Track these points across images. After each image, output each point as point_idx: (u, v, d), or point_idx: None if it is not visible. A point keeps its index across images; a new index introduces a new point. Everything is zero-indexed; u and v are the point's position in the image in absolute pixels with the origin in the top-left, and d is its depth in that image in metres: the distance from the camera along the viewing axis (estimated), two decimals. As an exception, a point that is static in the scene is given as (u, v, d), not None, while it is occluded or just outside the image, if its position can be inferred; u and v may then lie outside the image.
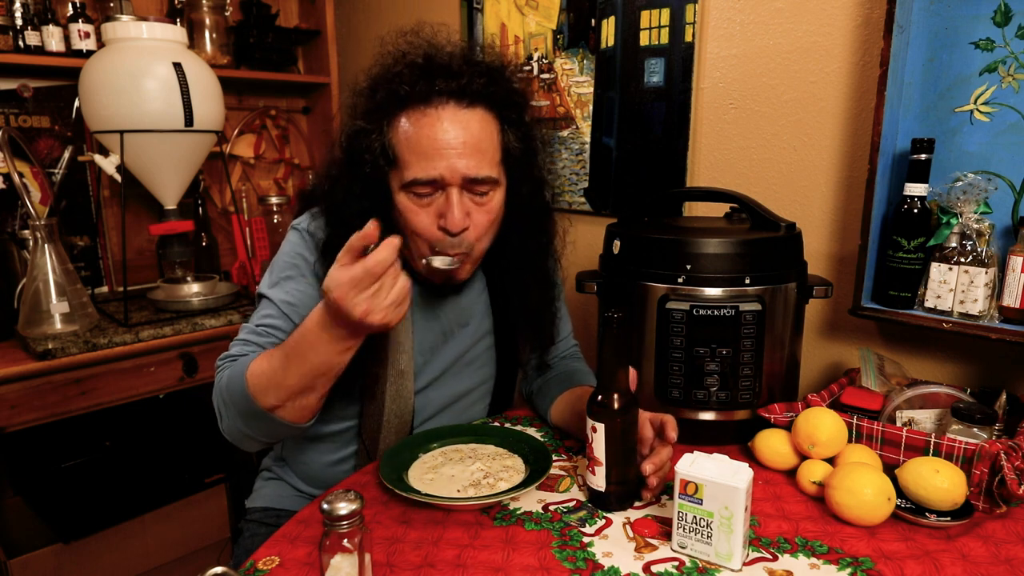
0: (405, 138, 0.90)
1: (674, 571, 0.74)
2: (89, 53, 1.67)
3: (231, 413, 0.88)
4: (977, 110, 1.06)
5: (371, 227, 0.74)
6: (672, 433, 0.86)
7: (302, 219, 1.03)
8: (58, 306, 1.51)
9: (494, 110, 0.93)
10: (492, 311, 1.12)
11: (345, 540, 0.64)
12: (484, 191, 0.93)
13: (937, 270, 1.06)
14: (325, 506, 0.63)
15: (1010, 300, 1.01)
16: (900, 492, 0.84)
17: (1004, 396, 1.02)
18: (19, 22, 1.65)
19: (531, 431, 1.10)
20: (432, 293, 1.06)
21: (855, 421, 0.94)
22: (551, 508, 0.87)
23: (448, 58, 0.92)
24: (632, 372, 0.86)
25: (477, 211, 0.93)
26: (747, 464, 0.75)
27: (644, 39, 1.48)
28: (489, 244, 0.99)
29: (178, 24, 1.74)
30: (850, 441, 0.94)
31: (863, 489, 0.81)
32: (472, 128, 0.90)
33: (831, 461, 0.91)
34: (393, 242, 0.75)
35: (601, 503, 0.87)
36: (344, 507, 0.63)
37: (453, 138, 0.88)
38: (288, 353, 0.82)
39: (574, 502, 0.88)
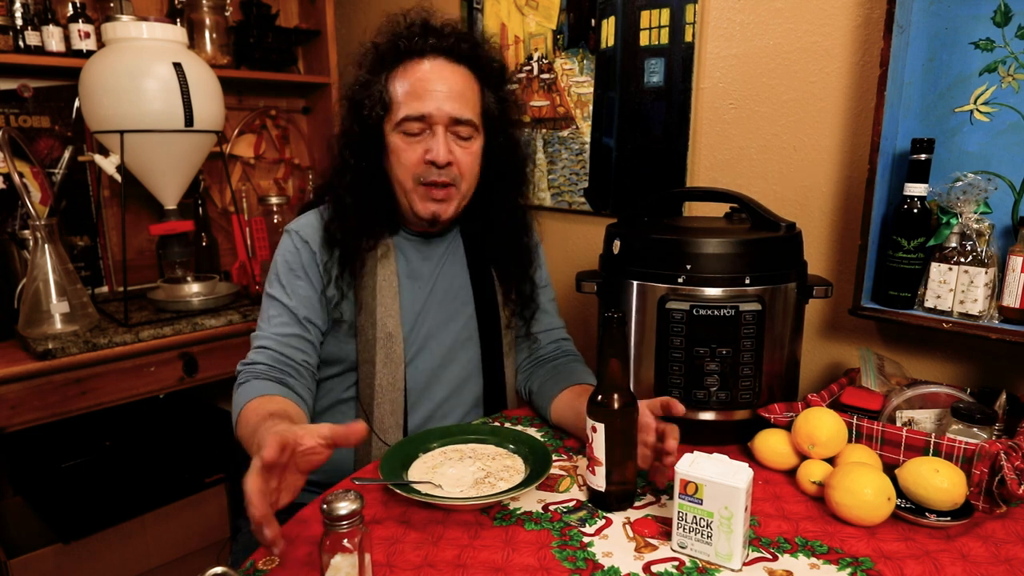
0: (400, 84, 1.04)
1: (674, 571, 0.74)
2: (89, 53, 1.67)
3: (233, 416, 0.97)
4: (977, 110, 1.06)
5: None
6: (679, 408, 0.87)
7: (292, 223, 1.13)
8: (58, 306, 1.51)
9: (475, 72, 1.07)
10: (472, 282, 1.18)
11: (345, 540, 0.64)
12: (466, 135, 1.06)
13: (937, 270, 1.06)
14: (325, 506, 0.63)
15: (1010, 300, 1.01)
16: (900, 492, 0.84)
17: (1004, 396, 1.02)
18: (19, 22, 1.64)
19: (531, 431, 1.10)
20: (416, 259, 1.14)
21: (855, 421, 0.94)
22: (551, 508, 0.87)
23: (441, 24, 1.08)
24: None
25: (460, 151, 1.06)
26: (747, 464, 0.75)
27: (644, 39, 1.48)
28: (472, 186, 1.10)
29: (178, 24, 1.74)
30: (850, 441, 0.94)
31: (863, 489, 0.81)
32: (457, 79, 1.05)
33: (831, 461, 0.91)
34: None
35: (601, 503, 0.87)
36: (344, 507, 0.63)
37: (441, 84, 1.03)
38: (249, 438, 0.85)
39: (574, 502, 0.88)
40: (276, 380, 0.99)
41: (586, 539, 0.80)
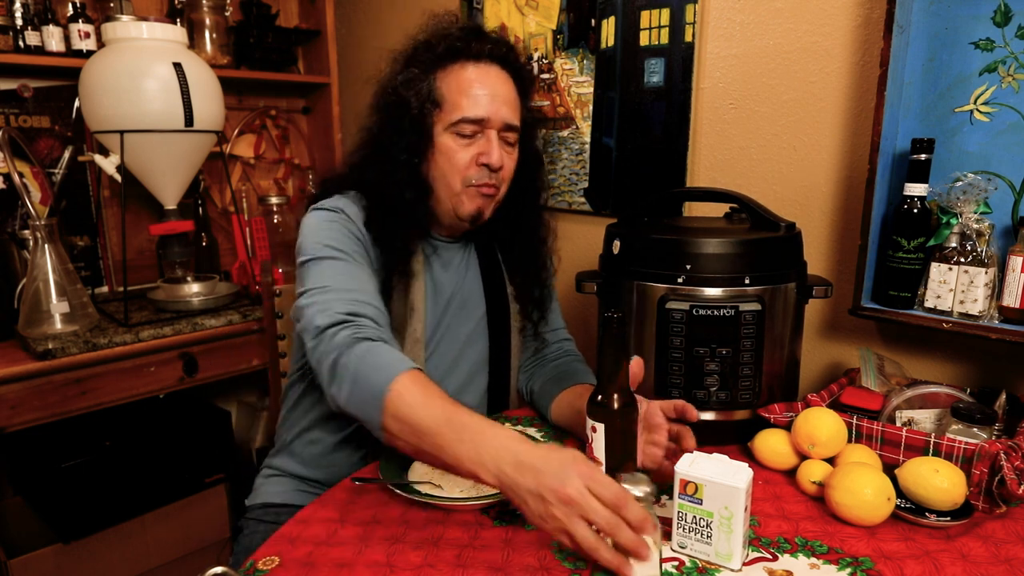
0: (457, 83, 1.03)
1: (674, 571, 0.74)
2: (89, 53, 1.67)
3: (343, 385, 0.82)
4: (977, 110, 1.06)
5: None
6: (694, 413, 0.88)
7: (326, 201, 1.05)
8: (58, 306, 1.51)
9: (516, 83, 1.09)
10: (484, 284, 1.18)
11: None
12: (513, 141, 1.08)
13: (937, 270, 1.06)
14: (624, 487, 0.68)
15: (1010, 300, 1.01)
16: (900, 492, 0.84)
17: (1004, 396, 1.02)
18: (19, 22, 1.64)
19: (531, 431, 1.10)
20: (438, 263, 1.13)
21: (855, 421, 0.94)
22: (551, 508, 0.87)
23: (492, 32, 1.10)
24: (637, 361, 0.87)
25: (507, 157, 1.07)
26: (747, 464, 0.75)
27: (644, 39, 1.48)
28: (506, 192, 1.10)
29: (178, 24, 1.74)
30: (850, 441, 0.94)
31: (863, 489, 0.81)
32: (508, 87, 1.07)
33: (831, 461, 0.91)
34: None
35: (601, 503, 0.86)
36: (639, 490, 0.68)
37: (498, 90, 1.04)
38: (440, 426, 0.76)
39: (574, 502, 0.88)
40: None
41: (586, 539, 0.80)
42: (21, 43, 1.66)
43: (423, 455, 0.78)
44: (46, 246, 1.50)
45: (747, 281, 0.97)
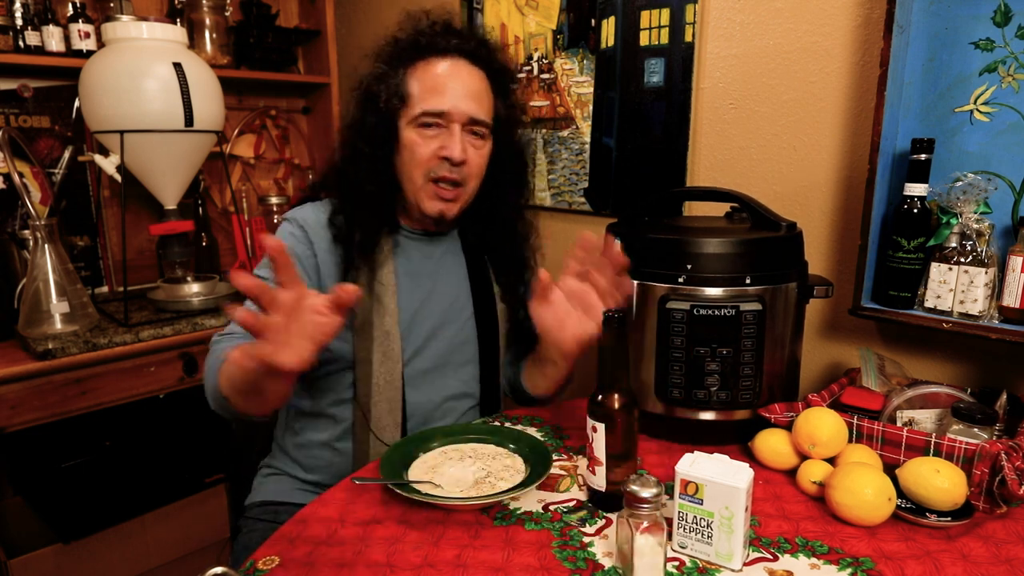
0: (420, 78, 1.05)
1: (674, 571, 0.74)
2: (89, 53, 1.67)
3: (207, 386, 0.96)
4: (977, 110, 1.06)
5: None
6: (587, 239, 0.91)
7: (290, 212, 1.12)
8: (58, 306, 1.51)
9: (489, 77, 1.09)
10: (470, 282, 1.18)
11: (646, 522, 0.69)
12: (480, 134, 1.07)
13: (937, 270, 1.06)
14: (630, 487, 0.69)
15: (1010, 300, 1.01)
16: (900, 492, 0.84)
17: (1004, 396, 1.02)
18: (19, 22, 1.65)
19: (531, 431, 1.10)
20: (417, 258, 1.14)
21: (855, 421, 0.94)
22: (551, 508, 0.87)
23: (463, 27, 1.11)
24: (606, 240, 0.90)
25: (473, 152, 1.07)
26: (747, 464, 0.75)
27: (644, 39, 1.48)
28: (477, 187, 1.10)
29: (178, 24, 1.74)
30: (850, 441, 0.94)
31: (863, 489, 0.81)
32: (476, 81, 1.07)
33: (831, 461, 0.91)
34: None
35: (601, 503, 0.87)
36: (647, 492, 0.68)
37: (461, 84, 1.05)
38: (243, 363, 0.83)
39: (574, 502, 0.88)
40: None
41: (586, 539, 0.80)
42: (21, 43, 1.66)
43: (264, 401, 0.85)
44: (46, 246, 1.50)
45: (748, 281, 0.97)
